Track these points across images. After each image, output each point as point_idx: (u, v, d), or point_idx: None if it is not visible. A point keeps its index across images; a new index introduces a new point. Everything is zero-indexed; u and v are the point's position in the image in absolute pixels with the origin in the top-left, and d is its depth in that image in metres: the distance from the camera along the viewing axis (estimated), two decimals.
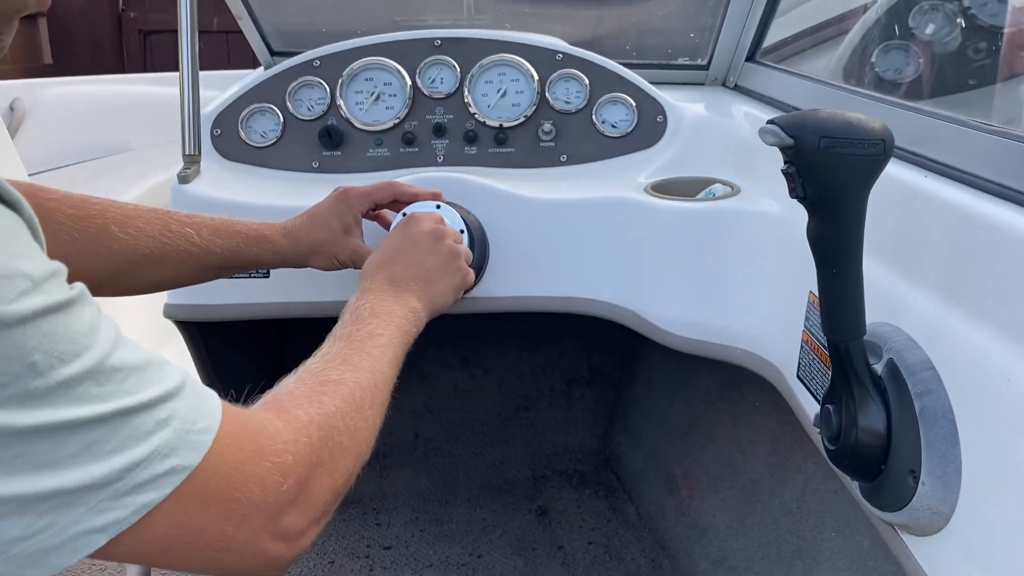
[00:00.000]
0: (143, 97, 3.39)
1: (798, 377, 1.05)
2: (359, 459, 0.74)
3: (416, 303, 0.98)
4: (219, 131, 1.41)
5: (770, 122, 0.71)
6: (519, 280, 1.29)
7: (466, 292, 1.15)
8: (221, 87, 1.52)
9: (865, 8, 1.79)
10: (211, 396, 0.60)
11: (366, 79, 1.42)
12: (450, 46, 1.44)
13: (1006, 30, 1.50)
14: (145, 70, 5.79)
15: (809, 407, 1.01)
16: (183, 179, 1.30)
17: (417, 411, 2.05)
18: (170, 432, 0.54)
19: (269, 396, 0.72)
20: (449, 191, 1.25)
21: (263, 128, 1.41)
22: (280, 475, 0.61)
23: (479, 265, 1.22)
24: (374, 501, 1.94)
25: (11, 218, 0.50)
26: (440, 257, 1.06)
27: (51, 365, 0.49)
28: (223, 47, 4.99)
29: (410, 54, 1.43)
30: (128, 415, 0.52)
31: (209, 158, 1.40)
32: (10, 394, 0.47)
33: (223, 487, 0.57)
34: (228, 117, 1.41)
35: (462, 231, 1.18)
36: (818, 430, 0.85)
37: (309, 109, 1.42)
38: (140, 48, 6.18)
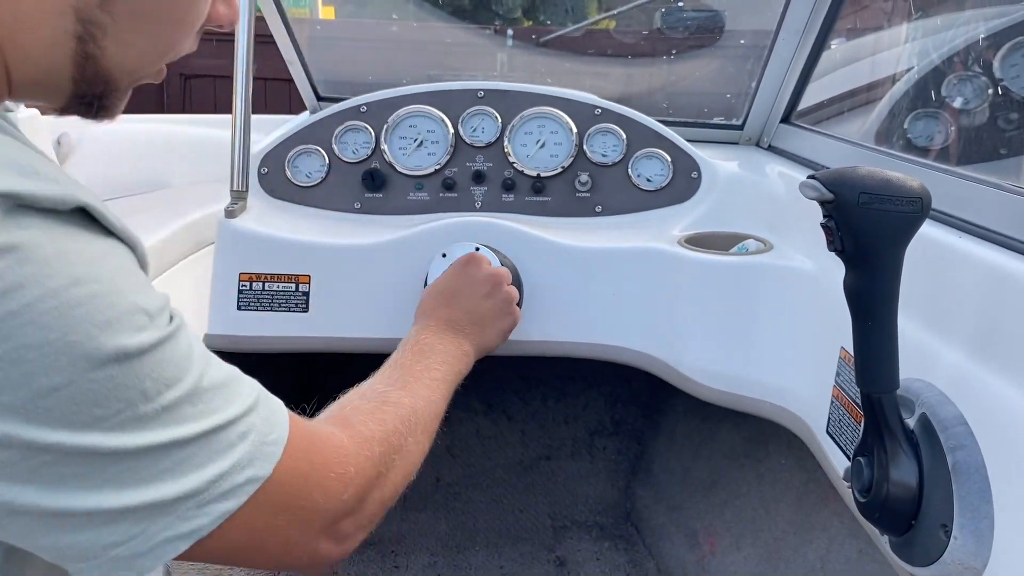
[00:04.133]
0: (183, 137, 3.48)
1: (827, 432, 1.05)
2: (406, 479, 0.78)
3: (468, 347, 1.05)
4: (266, 170, 1.46)
5: (811, 177, 0.74)
6: (551, 325, 1.31)
7: None
8: (260, 130, 1.57)
9: (895, 77, 1.83)
10: (280, 407, 0.64)
11: (410, 126, 1.47)
12: (492, 97, 1.48)
13: None
14: (184, 112, 5.95)
15: (838, 462, 1.01)
16: (230, 214, 1.34)
17: (439, 454, 2.05)
18: (248, 445, 0.58)
19: (335, 408, 0.78)
20: (487, 236, 1.28)
21: (309, 168, 1.46)
22: (342, 486, 0.66)
23: None
24: (393, 543, 1.93)
25: (129, 256, 0.55)
26: (495, 303, 1.12)
27: (158, 391, 0.53)
28: (261, 93, 5.12)
29: (453, 103, 1.48)
30: (216, 432, 0.56)
31: (255, 195, 1.44)
32: (123, 419, 0.51)
33: (292, 496, 0.61)
34: (276, 157, 1.46)
35: None
36: (847, 485, 0.85)
37: (354, 152, 1.46)
38: (180, 91, 6.36)
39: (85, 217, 0.52)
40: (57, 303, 0.48)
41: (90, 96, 0.61)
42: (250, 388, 0.61)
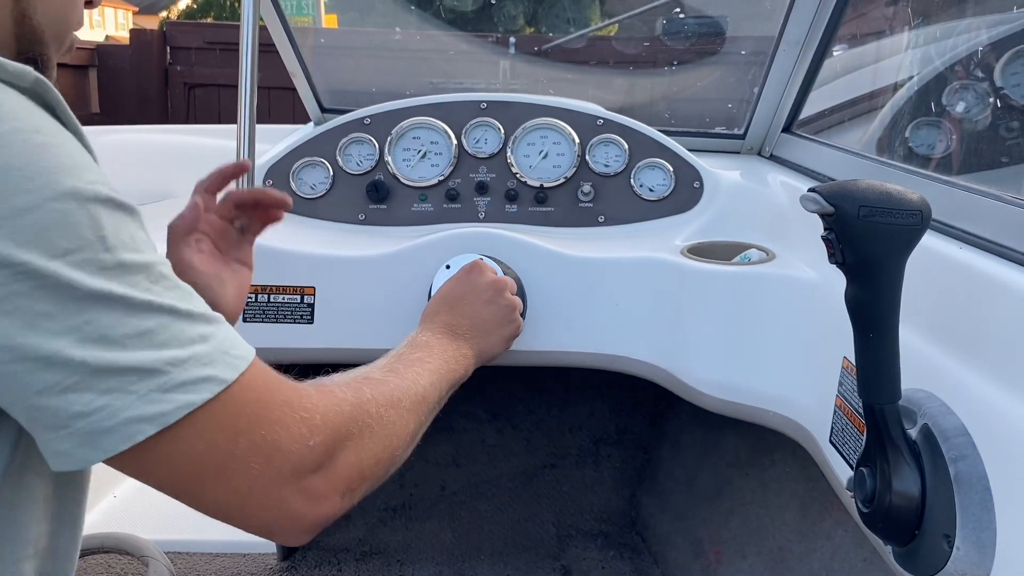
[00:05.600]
0: (187, 147, 3.50)
1: (831, 442, 1.06)
2: (388, 453, 0.76)
3: (468, 350, 1.05)
4: (271, 182, 1.47)
5: (811, 190, 0.74)
6: (555, 335, 1.31)
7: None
8: (264, 140, 1.58)
9: (896, 86, 1.84)
10: (244, 342, 0.64)
11: (414, 137, 1.48)
12: (495, 109, 1.49)
13: None
14: (188, 121, 5.98)
15: (841, 472, 1.02)
16: None
17: (444, 463, 2.06)
18: (209, 347, 0.60)
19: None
20: (490, 246, 1.29)
21: (313, 180, 1.47)
22: (307, 429, 0.65)
23: None
24: (398, 553, 1.94)
25: (82, 147, 0.58)
26: (498, 309, 1.12)
27: (115, 245, 0.56)
28: (265, 103, 5.18)
29: (457, 115, 1.49)
30: (175, 316, 0.58)
31: None
32: (85, 258, 0.54)
33: (253, 421, 0.61)
34: (280, 169, 1.47)
35: None
36: (851, 494, 0.86)
37: (358, 164, 1.47)
38: (184, 100, 6.39)
39: (46, 107, 0.58)
40: (23, 139, 0.53)
41: (31, 53, 0.69)
42: (213, 312, 0.63)
